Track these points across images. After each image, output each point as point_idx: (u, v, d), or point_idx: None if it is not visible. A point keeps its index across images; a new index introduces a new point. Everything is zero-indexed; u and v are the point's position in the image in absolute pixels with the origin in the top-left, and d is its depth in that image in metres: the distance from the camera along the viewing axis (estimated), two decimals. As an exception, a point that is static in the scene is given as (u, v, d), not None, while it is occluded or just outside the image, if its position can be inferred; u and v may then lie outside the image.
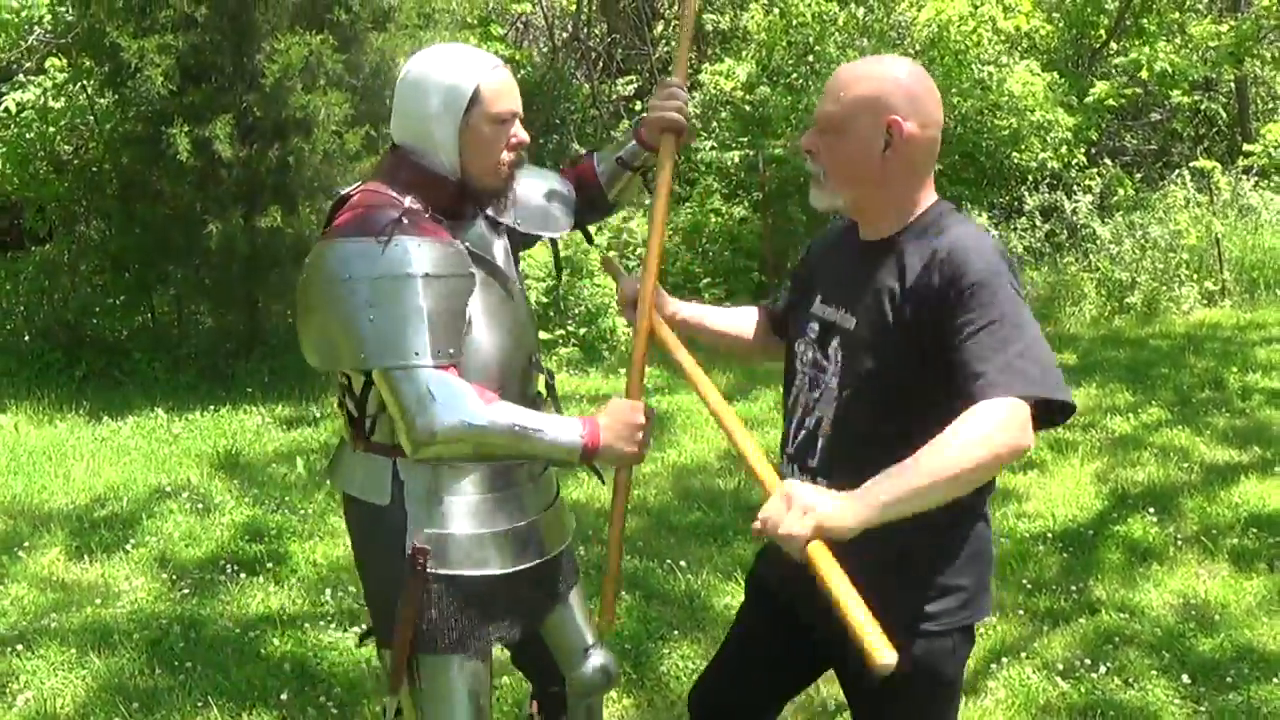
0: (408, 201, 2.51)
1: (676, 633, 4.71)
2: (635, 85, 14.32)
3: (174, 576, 5.39)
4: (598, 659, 2.98)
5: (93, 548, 5.72)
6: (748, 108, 11.69)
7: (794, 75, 11.50)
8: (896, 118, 2.28)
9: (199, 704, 4.22)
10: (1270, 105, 16.67)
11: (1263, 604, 4.96)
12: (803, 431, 2.45)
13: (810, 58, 11.41)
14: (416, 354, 2.42)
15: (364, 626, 3.52)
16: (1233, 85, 15.76)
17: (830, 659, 2.59)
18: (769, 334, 2.85)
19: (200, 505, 6.25)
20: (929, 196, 2.39)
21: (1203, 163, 12.52)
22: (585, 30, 15.02)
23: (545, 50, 16.05)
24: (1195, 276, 11.64)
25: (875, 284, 2.32)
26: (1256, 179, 13.56)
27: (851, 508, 2.03)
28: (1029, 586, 5.17)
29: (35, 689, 4.35)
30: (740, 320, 2.93)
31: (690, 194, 12.00)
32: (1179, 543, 5.62)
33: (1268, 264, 11.99)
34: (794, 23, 12.04)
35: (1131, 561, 5.43)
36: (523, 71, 14.97)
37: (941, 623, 2.38)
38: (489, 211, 2.72)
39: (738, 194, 12.11)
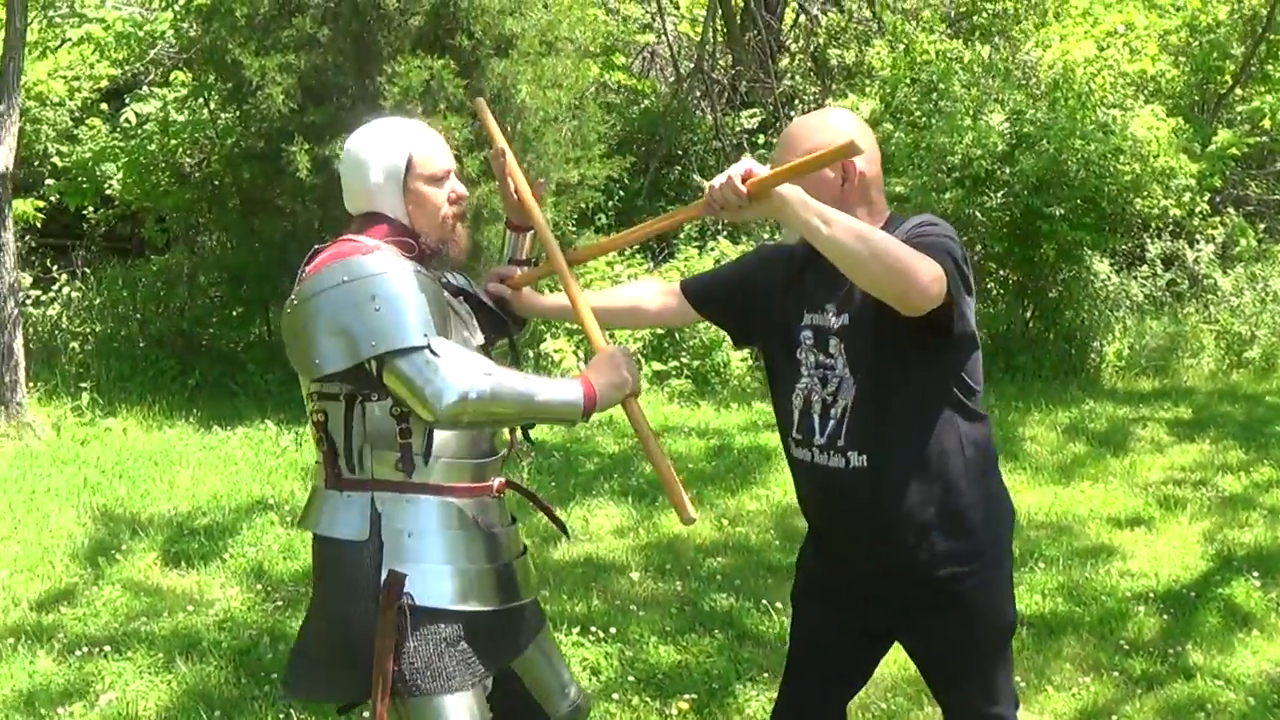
0: (383, 248, 2.72)
1: (767, 675, 4.54)
2: (759, 118, 14.24)
3: (268, 588, 5.41)
4: (573, 696, 3.10)
5: (189, 555, 5.77)
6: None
7: (918, 113, 11.29)
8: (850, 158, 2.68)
9: (281, 715, 4.21)
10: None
11: (1365, 678, 4.67)
12: (830, 422, 2.81)
13: (934, 95, 11.20)
14: (424, 335, 2.58)
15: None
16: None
17: (891, 631, 2.97)
18: (680, 303, 3.17)
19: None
20: (883, 216, 2.83)
21: (1324, 214, 12.13)
22: (710, 62, 14.96)
23: (670, 81, 16.07)
24: (1315, 332, 11.21)
25: (851, 285, 2.70)
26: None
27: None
28: (1126, 647, 4.95)
29: (119, 691, 4.38)
30: (635, 295, 3.35)
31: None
32: (1280, 609, 5.37)
33: (1387, 320, 11.49)
34: (918, 60, 11.87)
35: (1231, 626, 5.18)
36: (646, 102, 14.95)
37: (985, 563, 2.83)
38: (437, 266, 2.87)
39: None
